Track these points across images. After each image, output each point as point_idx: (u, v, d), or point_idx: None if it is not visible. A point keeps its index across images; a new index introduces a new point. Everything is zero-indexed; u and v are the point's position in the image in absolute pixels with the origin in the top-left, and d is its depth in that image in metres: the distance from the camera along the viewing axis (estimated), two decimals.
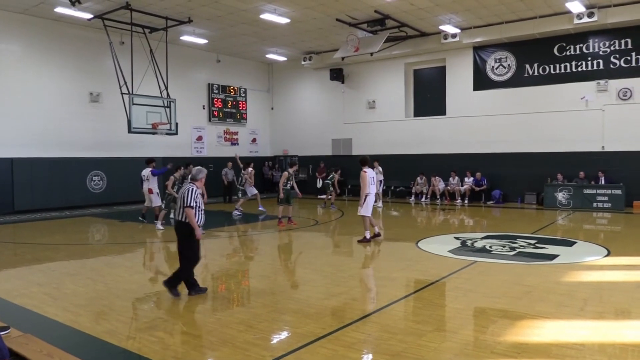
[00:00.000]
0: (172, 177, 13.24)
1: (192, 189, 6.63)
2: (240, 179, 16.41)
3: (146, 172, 14.05)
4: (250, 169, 16.12)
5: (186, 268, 6.72)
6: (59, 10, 16.02)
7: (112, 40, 16.65)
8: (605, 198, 16.58)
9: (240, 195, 16.36)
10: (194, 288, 6.78)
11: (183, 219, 6.61)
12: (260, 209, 16.20)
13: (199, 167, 7.09)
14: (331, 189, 18.03)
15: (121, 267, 9.41)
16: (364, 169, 10.66)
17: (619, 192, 16.41)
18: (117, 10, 15.82)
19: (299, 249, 11.05)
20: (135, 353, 4.82)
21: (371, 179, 10.74)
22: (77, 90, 18.21)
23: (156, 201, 13.94)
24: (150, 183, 13.99)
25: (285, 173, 13.59)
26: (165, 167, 14.42)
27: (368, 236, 10.81)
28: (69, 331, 5.47)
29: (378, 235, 11.06)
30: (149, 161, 14.33)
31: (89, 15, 16.44)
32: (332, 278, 7.86)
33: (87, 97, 18.49)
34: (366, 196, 10.63)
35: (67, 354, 4.42)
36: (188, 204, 6.52)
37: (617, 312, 5.93)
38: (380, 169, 18.28)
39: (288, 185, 13.39)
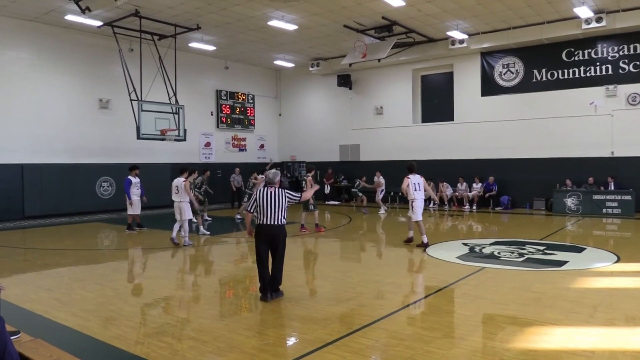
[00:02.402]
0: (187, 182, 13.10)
1: (286, 192, 6.95)
2: (248, 183, 16.48)
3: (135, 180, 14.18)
4: (261, 176, 16.17)
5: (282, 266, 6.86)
6: (69, 17, 16.19)
7: (121, 47, 16.80)
8: (615, 204, 16.46)
9: (246, 199, 16.42)
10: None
11: (280, 222, 6.73)
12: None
13: (274, 170, 7.25)
14: (360, 194, 19.22)
15: (130, 273, 9.47)
16: (407, 176, 10.84)
17: (628, 197, 16.28)
18: (127, 17, 15.96)
19: (307, 254, 11.04)
20: (143, 358, 4.83)
21: (414, 184, 10.82)
22: (87, 97, 18.37)
23: (129, 209, 14.05)
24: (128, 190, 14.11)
25: (311, 179, 13.85)
26: (129, 185, 14.09)
27: (425, 240, 10.84)
28: (78, 336, 5.50)
29: (409, 240, 11.17)
30: (130, 168, 14.29)
31: (98, 23, 16.60)
32: (339, 284, 7.86)
33: (97, 104, 18.65)
34: (411, 202, 10.82)
35: (76, 359, 4.44)
36: (298, 197, 6.99)
37: (628, 319, 5.88)
38: (382, 179, 19.06)
39: None
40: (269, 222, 6.69)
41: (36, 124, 16.92)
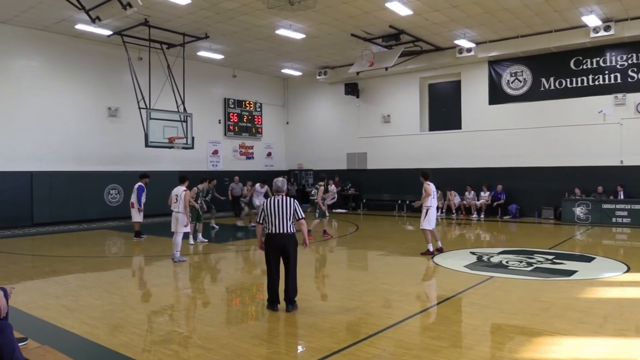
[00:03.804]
0: (195, 189, 13.06)
1: (295, 201, 6.83)
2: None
3: (135, 186, 14.14)
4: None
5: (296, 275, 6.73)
6: (79, 27, 16.38)
7: (130, 56, 16.94)
8: (625, 213, 16.31)
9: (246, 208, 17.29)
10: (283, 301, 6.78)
11: (290, 231, 6.64)
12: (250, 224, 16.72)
13: (281, 178, 7.12)
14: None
15: (137, 280, 9.49)
16: (427, 182, 10.76)
17: (638, 207, 16.13)
18: (136, 26, 16.12)
19: (313, 263, 11.01)
20: None
21: (433, 192, 10.81)
22: (96, 105, 18.53)
23: (136, 217, 13.95)
24: (132, 197, 14.05)
25: (322, 188, 14.08)
26: (142, 192, 14.02)
27: (431, 249, 10.84)
28: (85, 343, 5.51)
29: (440, 250, 11.02)
30: (142, 176, 14.26)
31: (108, 32, 16.78)
32: (346, 292, 7.83)
33: (106, 112, 18.80)
34: (427, 210, 10.71)
35: None
36: (302, 216, 6.78)
37: (639, 329, 5.80)
38: (334, 187, 19.19)
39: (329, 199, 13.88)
40: (278, 231, 6.61)
41: (45, 131, 17.08)
